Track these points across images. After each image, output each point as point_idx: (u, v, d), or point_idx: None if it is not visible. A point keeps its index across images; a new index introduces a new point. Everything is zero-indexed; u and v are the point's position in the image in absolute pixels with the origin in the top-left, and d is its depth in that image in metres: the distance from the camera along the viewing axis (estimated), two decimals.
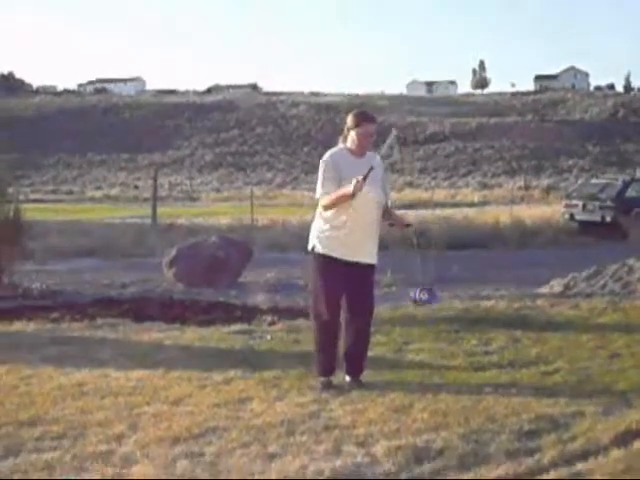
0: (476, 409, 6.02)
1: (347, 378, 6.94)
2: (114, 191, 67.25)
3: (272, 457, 5.09)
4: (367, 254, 6.87)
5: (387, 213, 7.05)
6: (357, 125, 6.80)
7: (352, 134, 6.82)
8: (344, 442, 5.33)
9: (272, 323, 9.88)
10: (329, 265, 6.78)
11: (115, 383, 7.02)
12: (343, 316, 6.93)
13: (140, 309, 11.00)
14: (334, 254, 6.75)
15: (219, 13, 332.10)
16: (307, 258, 7.01)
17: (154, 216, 24.73)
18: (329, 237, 6.78)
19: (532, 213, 27.90)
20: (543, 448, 5.14)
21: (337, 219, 6.75)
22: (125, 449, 5.28)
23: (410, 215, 19.33)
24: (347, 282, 6.79)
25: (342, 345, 6.99)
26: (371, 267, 6.94)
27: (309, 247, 6.97)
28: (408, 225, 7.13)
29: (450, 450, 5.13)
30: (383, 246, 7.45)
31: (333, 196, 6.68)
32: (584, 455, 5.02)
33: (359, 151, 6.84)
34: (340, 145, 6.96)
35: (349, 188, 6.49)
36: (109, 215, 34.39)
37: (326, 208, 6.80)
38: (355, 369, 6.95)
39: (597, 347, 8.23)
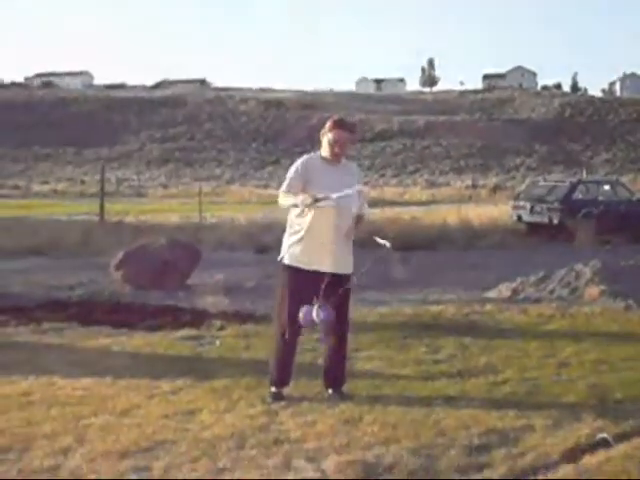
0: (426, 422, 5.99)
1: (329, 391, 6.82)
2: (61, 186, 66.82)
3: (221, 472, 5.04)
4: (337, 264, 6.62)
5: (360, 224, 6.86)
6: (329, 130, 6.64)
7: (324, 139, 6.68)
8: (294, 456, 5.29)
9: (221, 328, 9.80)
10: (296, 277, 6.59)
11: (62, 392, 6.92)
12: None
13: (87, 313, 10.86)
14: (301, 265, 6.57)
15: (168, 6, 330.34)
16: (256, 259, 6.88)
17: (102, 213, 24.51)
18: (295, 245, 6.59)
19: (480, 213, 27.90)
20: (493, 463, 5.13)
21: (299, 225, 6.60)
22: (72, 463, 5.19)
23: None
24: (320, 294, 6.51)
25: (323, 358, 6.97)
26: (345, 277, 6.67)
27: (279, 257, 6.77)
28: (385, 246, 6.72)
29: (400, 465, 5.10)
30: None
31: (290, 200, 6.50)
32: (534, 471, 5.03)
33: (331, 158, 6.66)
34: (318, 151, 6.82)
35: (299, 199, 6.39)
36: (56, 211, 34.04)
37: (280, 203, 6.65)
38: (337, 382, 6.85)
39: (546, 356, 8.26)
